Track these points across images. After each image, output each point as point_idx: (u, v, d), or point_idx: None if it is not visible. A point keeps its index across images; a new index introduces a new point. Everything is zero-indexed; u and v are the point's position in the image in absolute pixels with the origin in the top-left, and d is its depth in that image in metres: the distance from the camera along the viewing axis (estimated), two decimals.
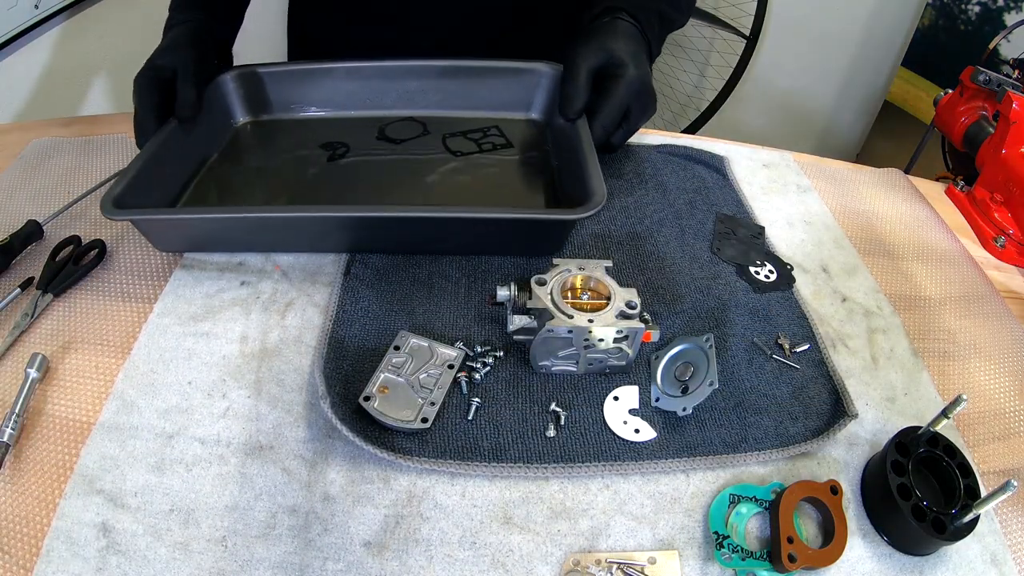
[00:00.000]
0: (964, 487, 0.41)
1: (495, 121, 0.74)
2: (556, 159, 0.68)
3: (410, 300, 0.54)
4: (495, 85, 0.73)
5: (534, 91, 0.73)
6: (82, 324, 0.51)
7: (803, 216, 0.68)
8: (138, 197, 0.54)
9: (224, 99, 0.70)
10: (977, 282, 0.63)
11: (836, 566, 0.39)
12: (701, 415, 0.47)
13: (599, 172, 0.55)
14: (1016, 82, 0.71)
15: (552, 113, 0.73)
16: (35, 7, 1.03)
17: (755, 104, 2.04)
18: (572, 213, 0.53)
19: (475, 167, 0.68)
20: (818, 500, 0.41)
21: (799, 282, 0.59)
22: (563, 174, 0.65)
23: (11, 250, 0.55)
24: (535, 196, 0.65)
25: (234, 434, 0.44)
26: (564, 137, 0.66)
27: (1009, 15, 1.43)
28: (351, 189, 0.65)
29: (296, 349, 0.50)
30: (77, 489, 0.41)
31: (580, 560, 0.39)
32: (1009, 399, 0.52)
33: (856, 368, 0.52)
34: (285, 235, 0.57)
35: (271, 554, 0.38)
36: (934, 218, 0.71)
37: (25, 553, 0.38)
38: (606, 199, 0.52)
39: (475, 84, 0.73)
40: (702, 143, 0.76)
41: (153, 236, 0.56)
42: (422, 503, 0.41)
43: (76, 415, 0.45)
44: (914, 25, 1.69)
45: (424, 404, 0.45)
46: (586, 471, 0.43)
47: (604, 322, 0.45)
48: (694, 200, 0.67)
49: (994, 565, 0.41)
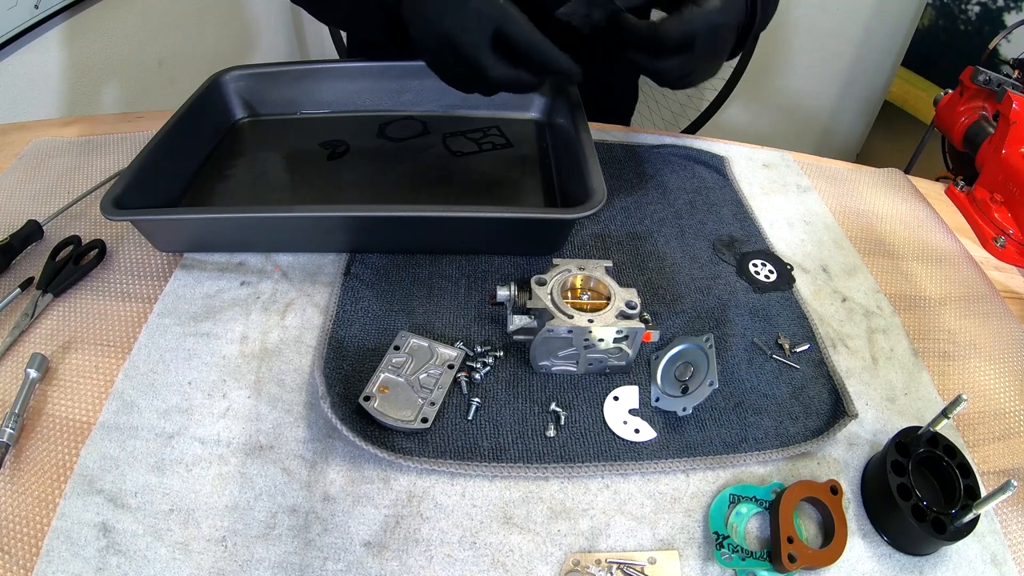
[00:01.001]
0: (964, 487, 0.41)
1: (495, 121, 0.74)
2: (556, 158, 0.68)
3: (410, 300, 0.54)
4: None
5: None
6: (82, 324, 0.51)
7: (803, 216, 0.68)
8: (138, 197, 0.54)
9: (224, 98, 0.71)
10: (977, 282, 0.63)
11: (836, 566, 0.39)
12: (701, 415, 0.47)
13: (599, 171, 0.55)
14: (1016, 82, 0.71)
15: (551, 112, 0.73)
16: (35, 7, 1.02)
17: (755, 104, 2.04)
18: (572, 212, 0.53)
19: (475, 166, 0.68)
20: (818, 500, 0.41)
21: (799, 282, 0.59)
22: (563, 173, 0.65)
23: (11, 250, 0.55)
24: (535, 196, 0.65)
25: (234, 434, 0.44)
26: (564, 136, 0.66)
27: (1009, 15, 1.43)
28: (351, 188, 0.65)
29: (296, 349, 0.50)
30: (77, 489, 0.41)
31: (580, 560, 0.39)
32: (1009, 399, 0.52)
33: (856, 368, 0.52)
34: (286, 235, 0.57)
35: (271, 554, 0.38)
36: (934, 218, 0.71)
37: (25, 553, 0.38)
38: (606, 199, 0.52)
39: None
40: (702, 143, 0.76)
41: (153, 236, 0.56)
42: (422, 503, 0.41)
43: (76, 415, 0.45)
44: (914, 25, 1.69)
45: (424, 404, 0.45)
46: (586, 471, 0.43)
47: (604, 322, 0.45)
48: (694, 200, 0.67)
49: (994, 565, 0.41)
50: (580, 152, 0.59)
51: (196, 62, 1.44)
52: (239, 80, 0.70)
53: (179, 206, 0.61)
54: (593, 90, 0.70)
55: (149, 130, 0.73)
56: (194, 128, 0.65)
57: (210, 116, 0.68)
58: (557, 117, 0.70)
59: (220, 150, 0.68)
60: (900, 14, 1.75)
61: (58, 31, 1.10)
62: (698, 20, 0.53)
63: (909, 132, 1.74)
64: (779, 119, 2.06)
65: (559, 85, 0.71)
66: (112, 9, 1.20)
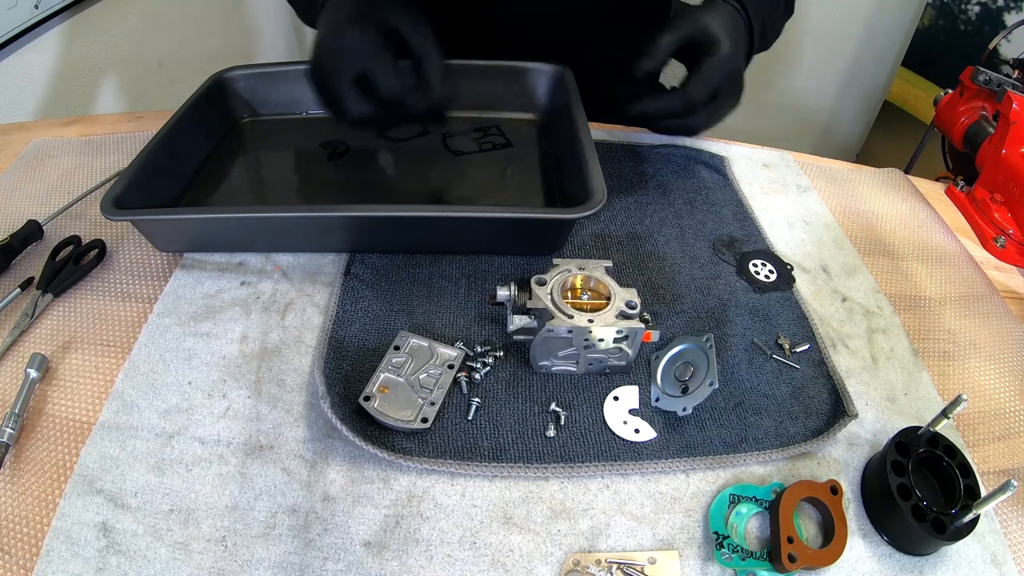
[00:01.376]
0: (964, 487, 0.41)
1: (496, 121, 0.74)
2: (556, 158, 0.68)
3: (410, 300, 0.54)
4: (496, 85, 0.73)
5: (534, 91, 0.74)
6: (82, 324, 0.51)
7: (803, 216, 0.68)
8: (139, 197, 0.54)
9: (225, 97, 0.71)
10: (977, 282, 0.63)
11: (836, 566, 0.39)
12: (701, 415, 0.47)
13: (599, 171, 0.55)
14: (1016, 82, 0.71)
15: (551, 112, 0.73)
16: (35, 7, 1.03)
17: (755, 104, 2.04)
18: (572, 212, 0.53)
19: (475, 166, 0.68)
20: (818, 500, 0.41)
21: (799, 282, 0.59)
22: (563, 173, 0.65)
23: (11, 250, 0.55)
24: (534, 195, 0.65)
25: (234, 434, 0.44)
26: (564, 136, 0.66)
27: (1009, 15, 1.43)
28: (352, 188, 0.65)
29: (296, 349, 0.50)
30: (77, 489, 0.41)
31: (580, 560, 0.39)
32: (1009, 399, 0.52)
33: (856, 368, 0.52)
34: (287, 235, 0.57)
35: (271, 554, 0.38)
36: (934, 218, 0.71)
37: (25, 553, 0.38)
38: (606, 198, 0.52)
39: (476, 83, 0.73)
40: (702, 143, 0.76)
41: (154, 236, 0.56)
42: (422, 503, 0.41)
43: (76, 415, 0.45)
44: (914, 25, 1.69)
45: (424, 404, 0.45)
46: (586, 471, 0.43)
47: (604, 322, 0.45)
48: (694, 200, 0.67)
49: (994, 565, 0.41)
50: (580, 152, 0.59)
51: (196, 62, 1.44)
52: (240, 80, 0.70)
53: (179, 206, 0.61)
54: (593, 89, 0.71)
55: (149, 130, 0.73)
56: (195, 128, 0.65)
57: (211, 116, 0.68)
58: (557, 116, 0.70)
59: (220, 150, 0.68)
60: (900, 14, 1.75)
61: (58, 31, 1.10)
62: (719, 71, 0.58)
63: (909, 132, 1.74)
64: (779, 119, 2.06)
65: (557, 83, 0.72)
66: (112, 9, 1.20)
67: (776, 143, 0.81)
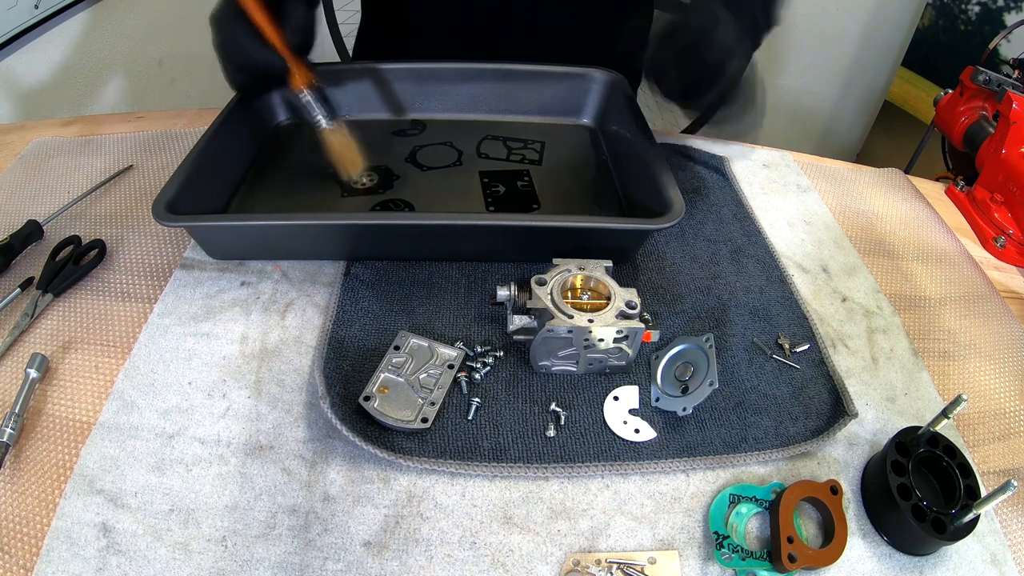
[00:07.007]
0: (964, 487, 0.41)
1: (546, 127, 0.73)
2: (615, 166, 0.67)
3: (410, 300, 0.54)
4: (546, 90, 0.72)
5: (585, 96, 0.73)
6: (82, 324, 0.51)
7: (803, 216, 0.68)
8: (188, 201, 0.52)
9: (267, 99, 0.69)
10: (977, 282, 0.63)
11: (836, 566, 0.39)
12: (701, 415, 0.47)
13: (674, 181, 0.55)
14: (1016, 82, 0.71)
15: (603, 119, 0.72)
16: (35, 7, 1.03)
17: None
18: (654, 223, 0.52)
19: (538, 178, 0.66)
20: (818, 500, 0.41)
21: (799, 282, 0.59)
22: (629, 182, 0.64)
23: (11, 250, 0.55)
24: (598, 204, 0.64)
25: (234, 434, 0.44)
26: (626, 145, 0.65)
27: (1009, 15, 1.43)
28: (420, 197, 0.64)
29: (296, 349, 0.50)
30: (77, 489, 0.41)
31: (580, 560, 0.39)
32: (1009, 399, 0.52)
33: (856, 368, 0.52)
34: (360, 242, 0.55)
35: (271, 554, 0.38)
36: (934, 218, 0.71)
37: (25, 553, 0.38)
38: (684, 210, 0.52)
39: (526, 88, 0.72)
40: (702, 143, 0.76)
41: (209, 244, 0.55)
42: (422, 503, 0.41)
43: (76, 415, 0.45)
44: (914, 25, 1.69)
45: (424, 404, 0.45)
46: (586, 471, 0.43)
47: (604, 322, 0.45)
48: (694, 200, 0.67)
49: (994, 565, 0.41)
50: (650, 162, 0.58)
51: (196, 62, 1.44)
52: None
53: (227, 212, 0.59)
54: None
55: (149, 130, 0.73)
56: (238, 130, 0.63)
57: (253, 117, 0.66)
58: (609, 123, 0.69)
59: (264, 152, 0.67)
60: (900, 14, 1.75)
61: (58, 31, 1.10)
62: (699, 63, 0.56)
63: (909, 132, 1.73)
64: (779, 119, 2.06)
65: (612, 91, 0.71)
66: (112, 9, 1.20)
67: (776, 143, 0.81)
